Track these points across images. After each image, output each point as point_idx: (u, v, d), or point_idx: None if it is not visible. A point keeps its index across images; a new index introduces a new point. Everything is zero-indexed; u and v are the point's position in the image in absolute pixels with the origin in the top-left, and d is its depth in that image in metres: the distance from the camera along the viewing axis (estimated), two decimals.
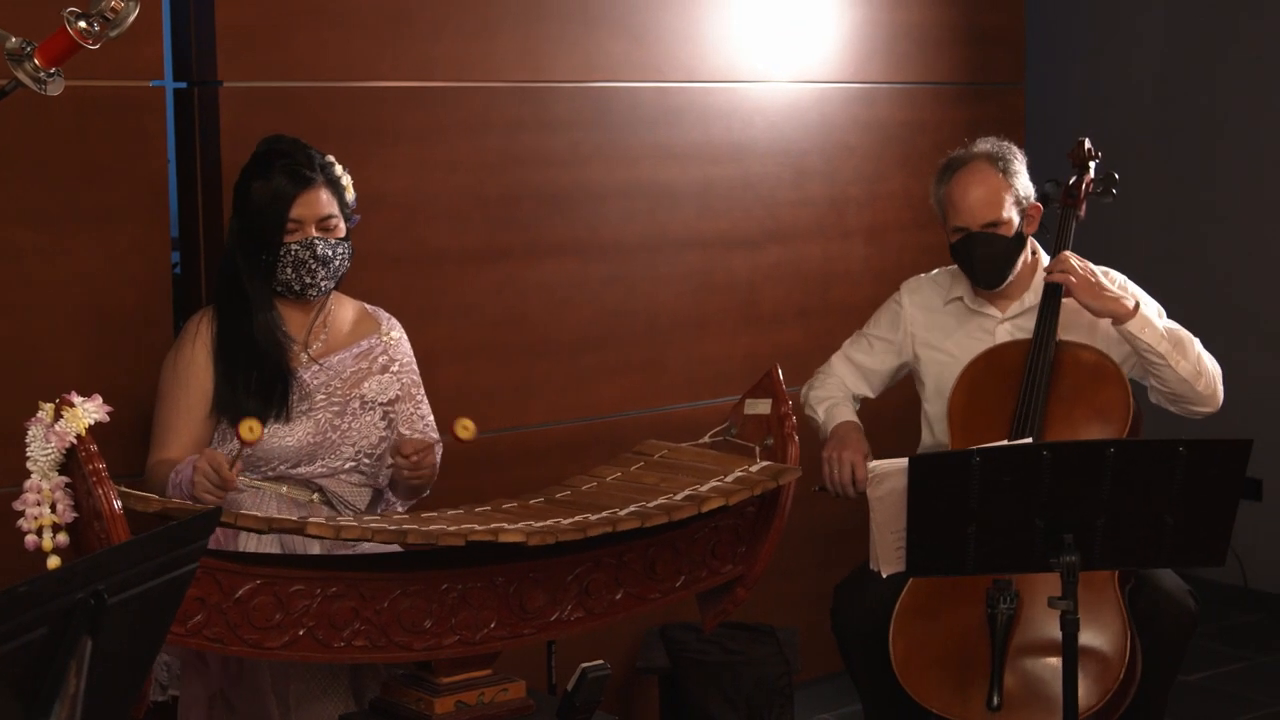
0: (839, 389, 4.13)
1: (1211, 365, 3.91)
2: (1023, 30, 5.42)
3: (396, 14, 4.15)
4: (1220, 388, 3.92)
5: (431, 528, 3.03)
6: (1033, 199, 4.01)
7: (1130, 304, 3.86)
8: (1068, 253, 3.95)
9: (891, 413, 4.50)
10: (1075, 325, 3.96)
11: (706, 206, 4.75)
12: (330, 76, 4.05)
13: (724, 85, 4.76)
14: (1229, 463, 3.15)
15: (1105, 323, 3.94)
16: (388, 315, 3.74)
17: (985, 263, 3.96)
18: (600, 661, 3.20)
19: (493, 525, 3.06)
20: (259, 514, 3.03)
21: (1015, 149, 4.03)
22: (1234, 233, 6.16)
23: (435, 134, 4.23)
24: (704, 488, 3.26)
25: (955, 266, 4.12)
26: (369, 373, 3.62)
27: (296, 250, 3.50)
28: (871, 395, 4.19)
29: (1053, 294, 3.92)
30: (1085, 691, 3.49)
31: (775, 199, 4.89)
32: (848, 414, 4.07)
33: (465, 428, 3.31)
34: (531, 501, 3.34)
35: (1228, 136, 6.16)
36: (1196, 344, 3.90)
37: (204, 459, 3.22)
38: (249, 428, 3.08)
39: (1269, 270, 6.04)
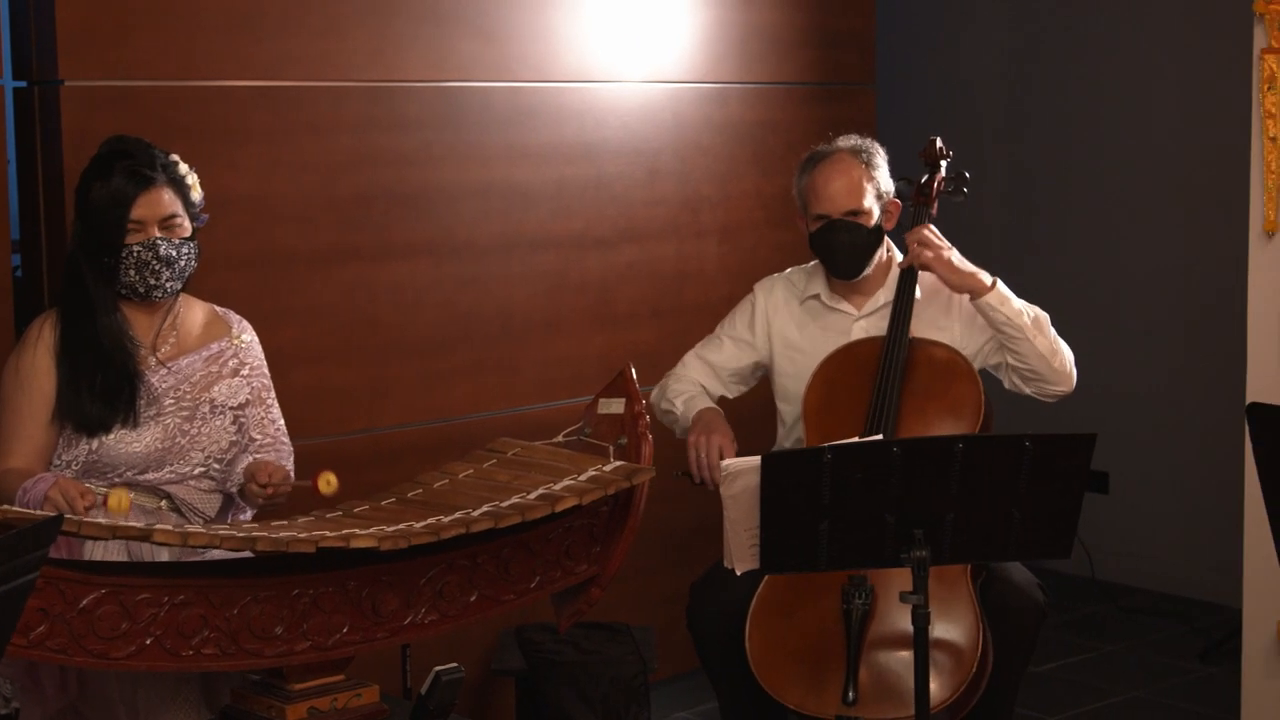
0: (695, 385, 4.13)
1: (1064, 347, 3.99)
2: (873, 31, 5.48)
3: (244, 12, 4.09)
4: (1074, 370, 3.99)
5: (282, 535, 2.99)
6: (892, 195, 4.06)
7: (988, 280, 3.93)
8: (928, 229, 4.00)
9: (748, 411, 4.52)
10: (929, 321, 4.01)
11: (560, 206, 4.74)
12: (176, 75, 3.99)
13: (576, 85, 4.75)
14: (1074, 457, 3.20)
15: (958, 307, 4.01)
16: (239, 318, 3.69)
17: (845, 249, 3.99)
18: (454, 664, 3.18)
19: (344, 531, 3.03)
20: (102, 520, 2.97)
21: (878, 146, 4.09)
22: (1082, 230, 6.28)
23: (284, 134, 4.19)
24: (557, 486, 3.25)
25: (809, 265, 4.15)
26: (219, 376, 3.57)
27: (139, 252, 3.45)
28: (728, 395, 4.18)
29: (906, 289, 3.96)
30: (939, 684, 3.54)
31: (629, 199, 4.89)
32: (709, 403, 4.07)
33: (328, 482, 3.28)
34: (384, 503, 3.31)
35: (1077, 135, 6.27)
36: (1050, 324, 3.98)
37: (58, 488, 3.16)
38: (118, 500, 3.03)
39: (1116, 267, 6.17)
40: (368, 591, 3.13)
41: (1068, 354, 3.98)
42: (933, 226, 4.03)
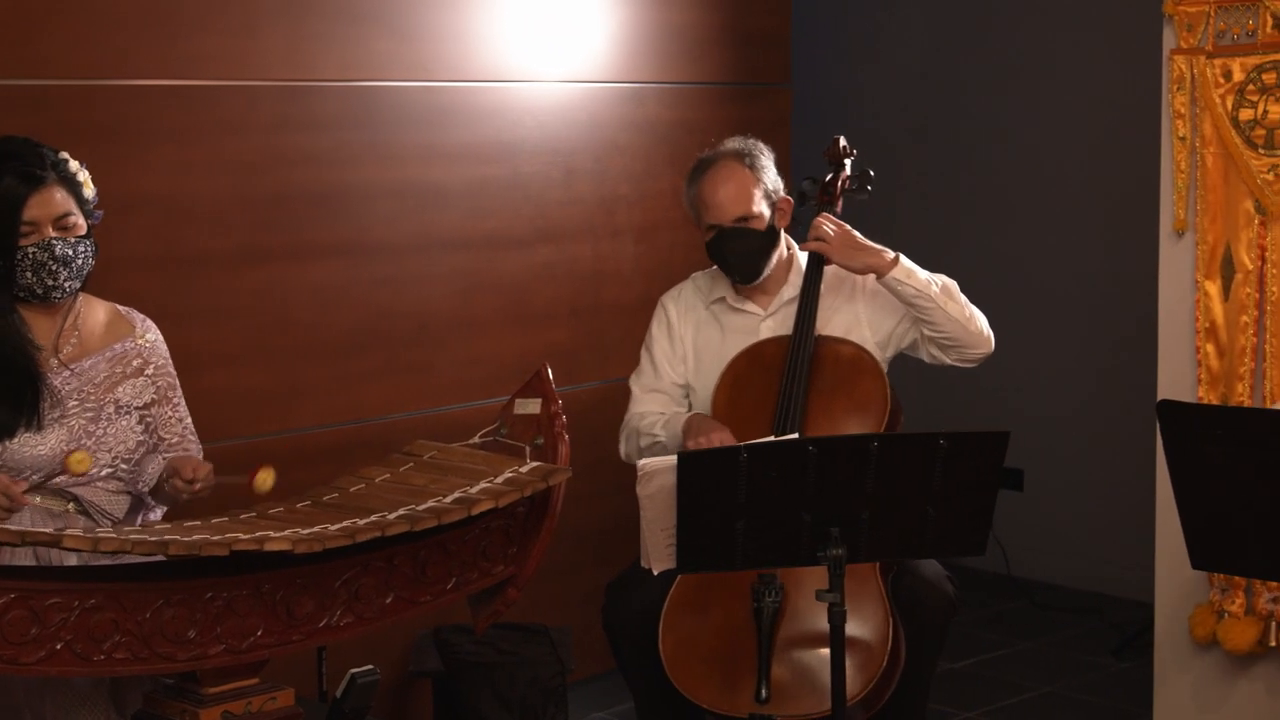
0: (663, 411, 4.08)
1: (977, 310, 4.02)
2: (789, 31, 5.50)
3: (157, 10, 4.06)
4: (990, 331, 4.02)
5: (195, 538, 2.96)
6: (782, 193, 4.07)
7: (889, 256, 3.95)
8: (822, 217, 4.02)
9: None
10: (835, 311, 4.03)
11: (476, 206, 4.73)
12: (85, 74, 3.94)
13: (492, 85, 4.74)
14: (987, 454, 3.23)
15: (861, 293, 4.03)
16: (142, 317, 3.65)
17: (739, 257, 4.01)
18: (369, 667, 3.17)
19: (258, 534, 3.01)
20: (12, 526, 2.93)
21: (762, 145, 4.09)
22: (994, 228, 6.33)
23: (196, 133, 4.15)
24: (474, 489, 3.23)
25: (714, 269, 4.16)
26: (123, 376, 3.53)
27: (34, 253, 3.40)
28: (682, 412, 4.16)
29: (811, 287, 3.98)
30: (850, 679, 3.54)
31: (545, 199, 4.89)
32: (687, 411, 4.03)
33: (264, 480, 3.20)
34: (298, 505, 3.29)
35: (990, 135, 6.32)
36: (959, 290, 4.00)
37: None
38: (79, 460, 2.99)
39: (1029, 265, 6.22)
40: (282, 594, 3.10)
41: (981, 316, 4.02)
42: (828, 215, 4.04)
